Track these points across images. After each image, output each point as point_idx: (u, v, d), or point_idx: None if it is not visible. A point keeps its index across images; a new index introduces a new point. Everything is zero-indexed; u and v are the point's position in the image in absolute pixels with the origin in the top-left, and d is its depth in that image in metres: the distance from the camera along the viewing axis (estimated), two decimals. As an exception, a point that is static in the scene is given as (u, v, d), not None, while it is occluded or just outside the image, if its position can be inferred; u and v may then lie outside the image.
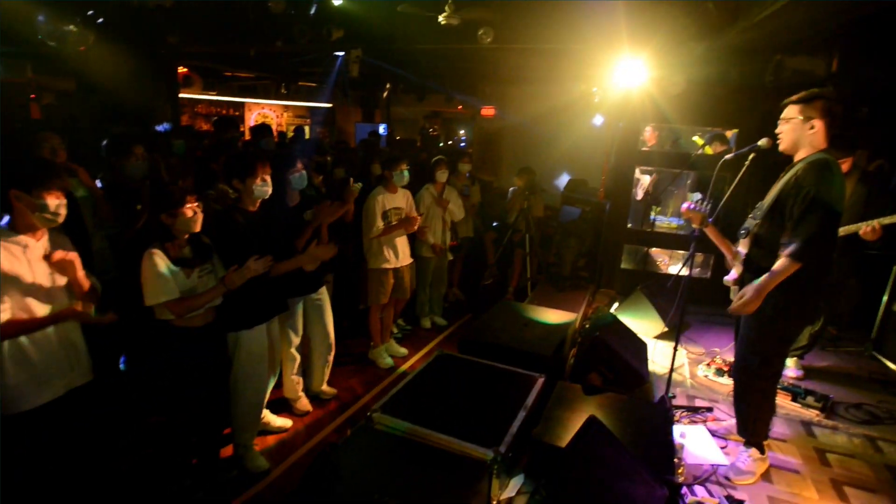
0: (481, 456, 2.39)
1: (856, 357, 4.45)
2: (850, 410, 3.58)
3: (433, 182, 4.93)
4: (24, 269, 2.13)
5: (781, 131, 2.62)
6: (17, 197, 2.11)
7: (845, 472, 2.93)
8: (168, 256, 2.52)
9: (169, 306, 2.49)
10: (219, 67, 10.27)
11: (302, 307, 3.55)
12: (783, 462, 3.00)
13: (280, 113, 12.80)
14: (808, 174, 2.45)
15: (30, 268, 2.15)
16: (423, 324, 5.33)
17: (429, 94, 11.05)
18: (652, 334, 4.51)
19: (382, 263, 4.28)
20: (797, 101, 2.58)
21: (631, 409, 2.98)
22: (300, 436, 3.43)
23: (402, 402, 2.82)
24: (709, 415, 3.42)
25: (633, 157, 5.78)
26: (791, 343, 3.08)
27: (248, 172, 2.89)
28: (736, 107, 4.90)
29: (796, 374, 3.97)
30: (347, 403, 3.87)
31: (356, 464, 2.32)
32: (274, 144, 5.49)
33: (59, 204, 2.20)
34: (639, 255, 5.97)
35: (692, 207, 2.91)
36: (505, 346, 3.51)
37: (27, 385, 2.16)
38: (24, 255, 2.14)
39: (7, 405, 2.12)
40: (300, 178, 3.36)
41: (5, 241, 2.10)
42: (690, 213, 2.92)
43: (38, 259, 2.19)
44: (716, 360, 4.11)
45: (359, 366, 4.43)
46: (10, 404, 2.12)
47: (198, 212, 2.59)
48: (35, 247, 2.19)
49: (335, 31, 5.79)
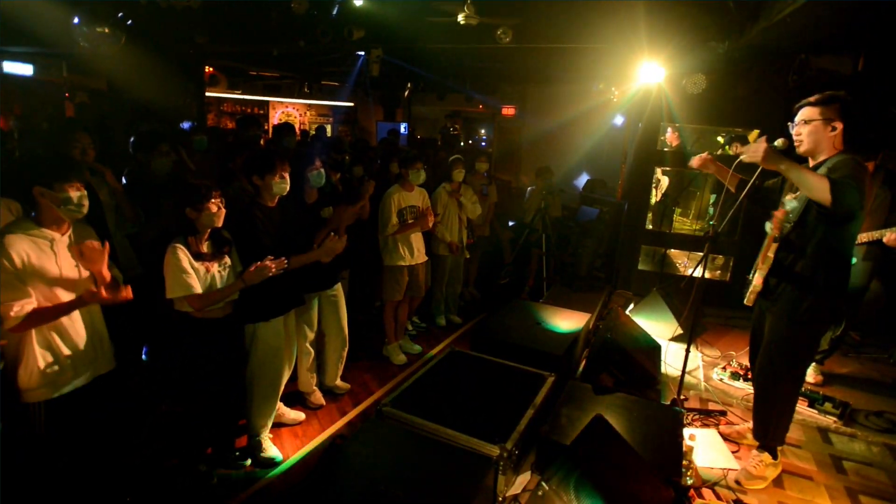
0: (488, 452, 2.43)
1: (879, 364, 4.34)
2: (871, 418, 3.50)
3: (450, 181, 4.97)
4: (51, 262, 2.21)
5: (801, 133, 2.58)
6: (42, 193, 2.18)
7: (861, 481, 2.88)
8: (190, 250, 2.61)
9: (188, 300, 2.58)
10: (244, 67, 10.49)
11: (318, 302, 3.63)
12: (797, 468, 2.96)
13: (303, 111, 12.99)
14: (843, 167, 2.38)
15: (56, 261, 2.23)
16: (438, 321, 5.37)
17: (449, 93, 11.11)
18: (667, 336, 4.47)
19: (398, 261, 4.33)
20: (816, 103, 2.54)
21: (640, 410, 2.98)
22: (313, 429, 3.50)
23: (412, 397, 2.87)
24: (721, 418, 3.39)
25: (652, 157, 5.72)
26: (818, 346, 3.06)
27: (268, 169, 2.97)
28: (758, 107, 4.82)
29: (815, 380, 3.90)
30: (361, 398, 3.94)
31: (365, 456, 2.37)
32: (295, 143, 5.59)
33: (82, 195, 2.27)
34: (657, 256, 5.91)
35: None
36: (516, 344, 3.53)
37: (56, 373, 2.25)
38: (50, 249, 2.22)
39: (36, 392, 2.21)
40: (318, 175, 3.43)
41: (32, 235, 2.18)
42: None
43: (64, 252, 2.27)
44: (731, 364, 4.06)
45: (373, 362, 4.49)
46: (38, 391, 2.21)
47: (221, 207, 2.68)
48: (61, 240, 2.27)
49: (356, 31, 5.88)
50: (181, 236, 2.62)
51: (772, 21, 3.41)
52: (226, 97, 11.66)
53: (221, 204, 2.68)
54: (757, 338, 3.01)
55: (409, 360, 4.57)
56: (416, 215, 4.35)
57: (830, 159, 2.50)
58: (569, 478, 2.03)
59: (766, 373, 2.79)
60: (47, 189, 2.18)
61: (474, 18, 4.87)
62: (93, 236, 2.43)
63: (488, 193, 5.82)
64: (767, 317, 2.79)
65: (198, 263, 2.63)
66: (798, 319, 2.61)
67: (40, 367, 2.20)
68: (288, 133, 5.44)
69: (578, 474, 2.06)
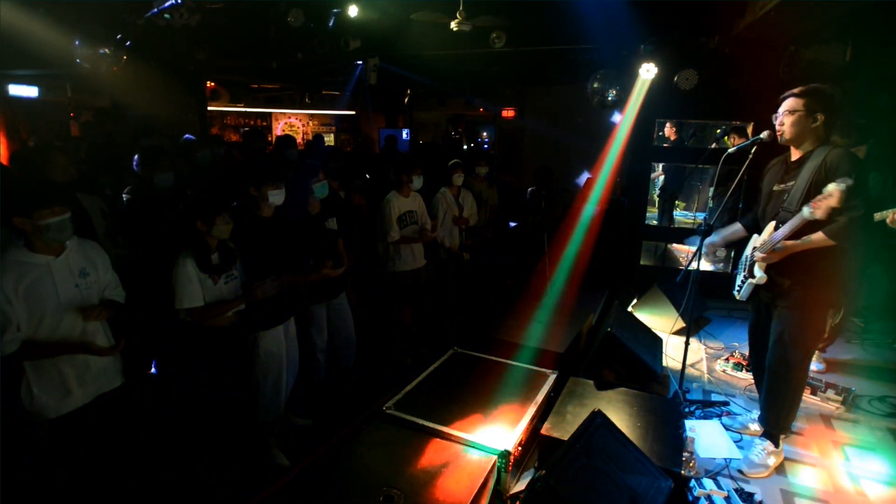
0: (492, 450, 2.48)
1: (883, 349, 4.34)
2: (874, 403, 3.51)
3: (449, 185, 5.01)
4: (48, 288, 2.20)
5: (784, 122, 2.63)
6: (22, 223, 2.16)
7: (864, 466, 2.90)
8: (197, 263, 2.69)
9: (192, 313, 2.66)
10: (245, 80, 10.64)
11: (326, 312, 3.71)
12: (799, 455, 2.98)
13: (306, 122, 13.11)
14: (843, 162, 2.46)
15: (54, 286, 2.22)
16: (442, 324, 5.42)
17: (449, 97, 11.19)
18: (669, 330, 4.50)
19: (400, 267, 4.39)
20: (800, 95, 2.59)
21: (641, 403, 3.02)
22: (320, 433, 3.56)
23: (415, 398, 2.93)
24: (724, 409, 3.41)
25: (649, 152, 5.76)
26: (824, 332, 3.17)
27: (264, 180, 3.03)
28: (751, 100, 4.84)
29: (817, 368, 3.91)
30: (367, 402, 3.99)
31: (369, 456, 2.43)
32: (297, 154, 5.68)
33: (63, 220, 2.22)
34: (658, 251, 5.94)
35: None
36: (519, 343, 3.58)
37: (51, 394, 2.25)
38: (46, 275, 2.20)
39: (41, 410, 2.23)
40: (322, 186, 3.48)
41: (25, 263, 2.17)
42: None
43: (62, 275, 2.25)
44: (734, 355, 4.09)
45: (379, 365, 4.54)
46: (43, 409, 2.23)
47: (230, 220, 2.75)
48: (56, 263, 2.25)
49: (353, 41, 5.97)
50: (189, 249, 2.69)
51: (757, 16, 3.46)
52: (229, 111, 11.81)
53: (229, 217, 2.76)
54: (758, 330, 3.04)
55: (414, 362, 4.62)
56: (415, 220, 4.41)
57: (820, 152, 2.56)
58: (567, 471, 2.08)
59: (780, 362, 2.80)
60: (26, 218, 2.15)
61: (467, 25, 4.93)
62: (95, 249, 2.48)
63: (487, 198, 5.85)
64: (776, 309, 2.82)
65: (206, 276, 2.71)
66: (809, 307, 2.68)
67: (44, 385, 2.22)
68: (290, 145, 5.53)
69: (577, 468, 2.11)
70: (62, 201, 2.24)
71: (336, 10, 5.56)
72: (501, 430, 2.62)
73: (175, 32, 5.22)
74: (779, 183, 2.75)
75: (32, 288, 2.17)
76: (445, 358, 3.41)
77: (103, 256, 2.52)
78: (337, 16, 5.65)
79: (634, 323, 4.05)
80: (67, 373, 2.29)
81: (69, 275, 2.30)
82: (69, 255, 2.32)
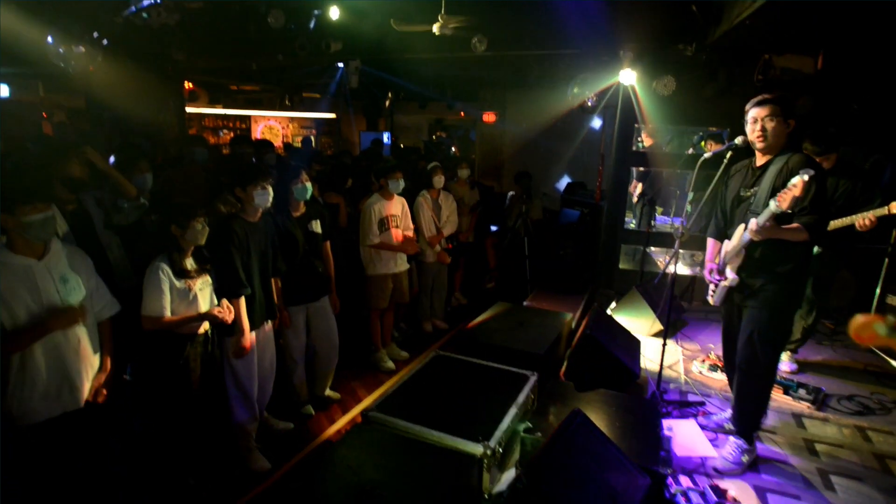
0: (473, 451, 2.49)
1: (852, 350, 4.48)
2: (843, 402, 3.62)
3: (430, 188, 5.02)
4: (26, 290, 2.14)
5: (767, 129, 2.67)
6: (4, 221, 2.12)
7: (833, 462, 2.99)
8: (173, 268, 2.65)
9: (155, 321, 2.62)
10: (224, 82, 10.51)
11: (305, 314, 3.68)
12: (771, 453, 3.06)
13: (286, 124, 13.00)
14: (804, 166, 2.54)
15: (34, 289, 2.17)
16: (424, 327, 5.42)
17: (430, 101, 11.21)
18: (647, 332, 4.58)
19: (381, 270, 4.38)
20: (776, 101, 2.66)
21: (620, 403, 3.06)
22: (302, 437, 3.54)
23: (398, 401, 2.93)
24: (700, 409, 3.48)
25: (628, 158, 5.85)
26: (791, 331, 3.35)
27: (249, 180, 3.01)
28: (727, 106, 4.96)
29: (790, 368, 4.02)
30: (350, 406, 3.98)
31: (352, 460, 2.42)
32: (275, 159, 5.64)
33: (47, 217, 2.18)
34: (637, 254, 6.03)
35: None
36: (499, 345, 3.61)
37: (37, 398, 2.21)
38: (27, 277, 2.15)
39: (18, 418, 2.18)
40: (303, 189, 3.46)
41: (5, 263, 2.12)
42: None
43: (44, 279, 2.20)
44: (710, 357, 4.18)
45: (361, 369, 4.53)
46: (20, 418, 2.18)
47: (205, 225, 2.72)
48: (38, 266, 2.20)
49: (334, 44, 5.94)
50: (165, 254, 2.66)
51: (732, 24, 3.55)
52: (207, 112, 11.65)
53: (205, 222, 2.72)
54: (730, 332, 3.13)
55: (397, 367, 4.61)
56: (397, 224, 4.41)
57: (782, 157, 2.67)
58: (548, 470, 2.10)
59: (750, 362, 2.88)
60: (8, 215, 2.11)
61: (448, 29, 4.96)
62: (84, 258, 2.43)
63: (469, 201, 5.88)
64: (745, 310, 2.91)
65: (180, 281, 2.67)
66: (778, 307, 2.78)
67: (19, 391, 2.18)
68: (267, 150, 5.49)
69: (557, 466, 2.14)
70: (46, 198, 2.20)
71: (317, 12, 5.54)
72: (483, 431, 2.63)
73: (153, 32, 5.13)
74: (745, 188, 2.84)
75: (10, 290, 2.11)
76: (427, 360, 3.41)
77: (87, 262, 2.46)
78: (318, 17, 5.62)
79: (613, 325, 4.11)
80: (49, 377, 2.24)
81: (49, 280, 2.24)
82: (50, 260, 2.26)
